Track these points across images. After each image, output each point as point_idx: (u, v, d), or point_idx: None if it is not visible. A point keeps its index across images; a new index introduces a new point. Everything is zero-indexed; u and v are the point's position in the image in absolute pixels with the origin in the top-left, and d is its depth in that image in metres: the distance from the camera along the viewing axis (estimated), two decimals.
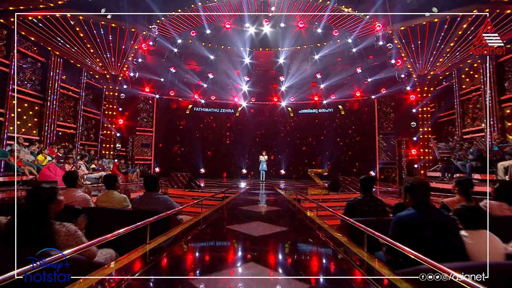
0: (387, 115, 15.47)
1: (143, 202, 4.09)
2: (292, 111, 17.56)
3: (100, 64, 12.09)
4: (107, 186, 4.31)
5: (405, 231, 2.37)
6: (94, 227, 3.55)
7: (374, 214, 3.91)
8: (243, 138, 17.09)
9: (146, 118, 15.97)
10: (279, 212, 5.59)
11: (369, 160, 15.61)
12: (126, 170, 11.55)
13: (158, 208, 3.90)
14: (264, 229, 3.79)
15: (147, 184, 4.20)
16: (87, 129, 13.26)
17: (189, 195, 9.13)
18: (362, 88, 15.61)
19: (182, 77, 15.87)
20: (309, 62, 14.92)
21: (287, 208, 6.28)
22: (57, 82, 10.87)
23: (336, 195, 9.01)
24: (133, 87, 14.07)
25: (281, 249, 3.20)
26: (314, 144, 17.21)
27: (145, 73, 14.20)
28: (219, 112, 17.49)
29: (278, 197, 7.95)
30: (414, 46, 11.07)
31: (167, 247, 2.98)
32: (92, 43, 11.06)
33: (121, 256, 2.62)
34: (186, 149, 16.70)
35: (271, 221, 4.38)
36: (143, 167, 15.64)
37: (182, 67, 15.08)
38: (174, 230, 3.54)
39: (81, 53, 11.32)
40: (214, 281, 2.14)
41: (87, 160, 9.79)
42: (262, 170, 14.26)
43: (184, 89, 16.17)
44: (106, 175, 4.39)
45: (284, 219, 4.94)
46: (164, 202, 4.16)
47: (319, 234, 3.79)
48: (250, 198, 7.57)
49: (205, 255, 2.98)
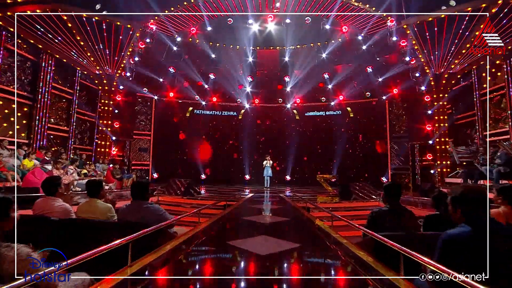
0: (399, 117, 14.94)
1: (130, 212, 3.60)
2: (298, 114, 17.13)
3: (94, 63, 11.72)
4: (90, 194, 3.82)
5: (458, 254, 1.84)
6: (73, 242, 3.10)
7: (403, 228, 3.36)
8: (246, 142, 16.71)
9: (144, 120, 15.60)
10: (288, 224, 5.06)
11: (380, 165, 15.10)
12: (121, 175, 11.11)
13: (148, 220, 3.42)
14: (272, 246, 3.27)
15: (135, 191, 3.71)
16: (81, 132, 12.87)
17: (188, 203, 8.66)
18: (373, 89, 15.13)
19: (182, 78, 15.50)
20: (316, 61, 14.44)
21: (296, 218, 5.76)
22: (49, 82, 10.50)
23: (348, 203, 8.48)
24: (131, 88, 13.64)
25: (295, 273, 2.67)
26: (321, 148, 16.78)
27: (143, 73, 13.82)
28: (221, 115, 17.11)
29: (285, 206, 7.43)
30: (431, 42, 10.56)
31: (153, 270, 2.48)
32: (86, 41, 10.70)
33: (97, 282, 2.14)
34: (186, 154, 16.33)
35: (280, 235, 3.86)
36: (141, 172, 15.24)
37: (182, 66, 14.65)
38: (164, 247, 3.03)
39: (75, 51, 10.95)
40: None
41: (78, 165, 9.34)
42: (266, 176, 13.74)
43: (184, 90, 15.83)
44: (88, 180, 3.92)
45: (294, 232, 4.41)
46: (154, 212, 3.67)
47: (338, 252, 3.26)
48: (254, 207, 7.05)
49: (199, 284, 2.45)
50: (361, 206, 8.38)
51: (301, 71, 15.29)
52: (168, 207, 8.44)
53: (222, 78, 15.71)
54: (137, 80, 13.75)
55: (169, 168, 15.59)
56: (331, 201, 8.75)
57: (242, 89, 16.39)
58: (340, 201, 8.71)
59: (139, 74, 13.55)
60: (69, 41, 10.43)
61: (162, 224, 3.30)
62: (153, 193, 9.27)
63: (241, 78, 16.02)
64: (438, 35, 10.23)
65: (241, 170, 16.70)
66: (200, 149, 16.29)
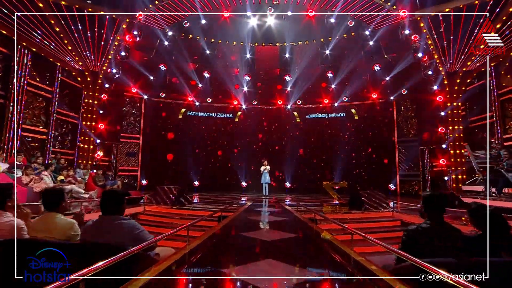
0: (408, 119, 14.44)
1: (97, 230, 2.89)
2: (298, 116, 16.59)
3: (76, 58, 11.03)
4: (47, 206, 3.10)
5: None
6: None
7: (451, 251, 2.68)
8: (243, 146, 16.25)
9: (132, 122, 14.93)
10: (296, 242, 4.37)
11: (387, 171, 14.64)
12: (104, 182, 10.34)
13: (120, 240, 2.74)
14: (282, 275, 2.57)
15: (105, 203, 3.00)
16: (61, 135, 12.12)
17: (178, 214, 7.93)
18: (379, 88, 14.67)
19: (174, 76, 14.92)
20: (319, 59, 13.86)
21: (304, 233, 5.07)
22: (24, 78, 9.76)
23: (360, 214, 7.80)
24: (117, 86, 13.01)
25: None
26: (323, 153, 16.22)
27: (131, 70, 13.21)
28: (216, 116, 16.52)
29: (288, 217, 6.73)
30: (446, 36, 10.02)
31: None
32: (66, 32, 10.01)
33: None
34: (178, 159, 15.66)
35: (288, 259, 3.16)
36: (128, 179, 14.60)
37: (174, 64, 14.00)
38: (137, 281, 2.31)
39: (54, 44, 10.25)
40: None
41: (53, 170, 8.57)
42: (264, 183, 13.07)
43: (176, 90, 15.26)
44: (46, 189, 3.23)
45: (305, 253, 3.71)
46: (129, 231, 2.97)
47: (368, 284, 2.55)
48: (254, 219, 6.35)
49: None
50: (373, 218, 7.73)
51: (303, 69, 14.71)
52: (155, 218, 7.73)
53: (218, 76, 15.21)
54: (125, 78, 13.14)
55: (159, 174, 14.93)
56: (339, 211, 8.07)
57: (239, 89, 15.84)
58: (350, 211, 8.04)
59: (126, 71, 12.99)
60: (47, 33, 9.73)
61: (141, 246, 2.61)
62: (138, 202, 8.53)
63: (238, 77, 15.50)
64: (454, 28, 9.68)
65: (237, 177, 16.11)
66: (193, 153, 15.67)
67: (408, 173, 14.09)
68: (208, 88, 15.72)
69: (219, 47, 14.68)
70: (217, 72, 15.17)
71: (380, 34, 12.04)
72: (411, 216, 7.37)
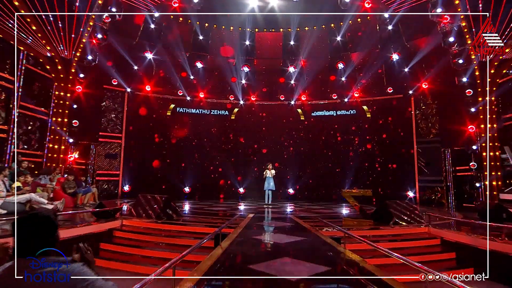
0: (429, 117, 13.42)
1: None
2: (303, 113, 15.75)
3: (43, 41, 9.76)
4: None
5: None
6: None
7: None
8: (240, 148, 15.62)
9: (113, 120, 13.90)
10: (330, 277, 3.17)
11: (405, 177, 13.73)
12: (75, 190, 9.07)
13: None
14: None
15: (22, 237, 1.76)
16: (26, 133, 10.82)
17: (164, 230, 6.68)
18: (396, 82, 13.80)
19: (162, 66, 14.03)
20: (328, 47, 12.84)
21: (333, 261, 3.88)
22: None
23: (389, 229, 6.65)
24: (95, 77, 11.96)
25: None
26: (330, 156, 15.45)
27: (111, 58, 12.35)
28: (209, 113, 15.70)
29: (305, 236, 5.58)
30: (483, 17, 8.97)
31: None
32: (29, 9, 8.74)
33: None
34: (166, 162, 14.77)
35: None
36: (108, 185, 13.65)
37: (162, 51, 12.94)
38: None
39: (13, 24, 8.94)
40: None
41: (7, 175, 7.24)
42: (267, 190, 11.90)
43: (164, 82, 14.46)
44: None
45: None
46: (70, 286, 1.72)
47: None
48: (262, 240, 5.17)
49: None
50: (405, 234, 6.60)
51: (309, 59, 13.77)
52: (134, 236, 6.48)
53: (212, 67, 14.48)
54: (104, 67, 12.14)
55: (144, 179, 14.01)
56: (363, 226, 6.93)
57: (236, 82, 14.98)
58: (376, 226, 6.90)
59: (105, 59, 12.00)
60: (5, 9, 8.43)
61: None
62: (114, 215, 7.24)
63: (235, 68, 14.65)
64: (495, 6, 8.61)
65: (234, 182, 15.30)
66: (183, 155, 14.83)
67: (430, 179, 13.12)
68: (201, 81, 14.89)
69: (215, 33, 13.56)
70: (211, 63, 14.42)
71: (401, 17, 10.98)
72: (453, 233, 6.28)
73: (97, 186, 12.67)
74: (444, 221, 7.47)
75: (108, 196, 12.86)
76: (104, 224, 6.68)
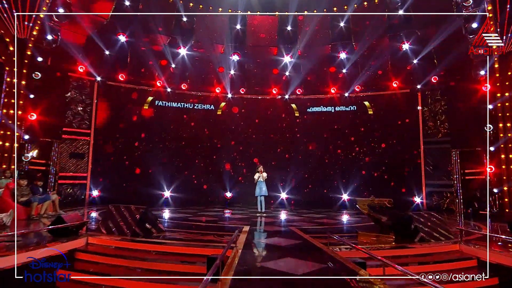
0: (438, 115, 13.01)
1: None
2: (297, 109, 15.20)
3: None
4: None
5: None
6: None
7: None
8: (227, 146, 14.98)
9: (80, 113, 12.97)
10: None
11: (411, 181, 13.33)
12: (29, 197, 7.82)
13: None
14: None
15: None
16: None
17: (140, 251, 5.57)
18: (402, 75, 13.38)
19: (138, 52, 13.14)
20: (329, 35, 12.20)
21: None
22: None
23: (417, 248, 5.81)
24: (56, 62, 11.13)
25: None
26: (328, 156, 14.97)
27: (77, 40, 11.50)
28: (193, 108, 14.93)
29: (321, 260, 4.65)
30: None
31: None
32: None
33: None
34: (142, 163, 13.88)
35: None
36: (73, 189, 12.70)
37: (138, 34, 12.37)
38: None
39: None
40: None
41: None
42: (259, 196, 11.03)
43: (141, 71, 13.69)
44: None
45: None
46: None
47: None
48: (273, 271, 4.14)
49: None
50: (434, 253, 5.79)
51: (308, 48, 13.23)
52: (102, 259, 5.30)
53: (196, 54, 13.70)
54: (68, 50, 11.21)
55: (116, 183, 13.24)
56: (383, 242, 6.10)
57: (224, 73, 14.26)
58: (400, 243, 6.07)
59: (70, 41, 11.12)
60: None
61: None
62: (78, 232, 6.06)
63: (223, 56, 13.99)
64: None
65: (220, 185, 14.59)
66: (163, 155, 14.07)
67: (439, 183, 12.79)
68: (184, 70, 14.14)
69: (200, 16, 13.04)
70: (195, 49, 13.68)
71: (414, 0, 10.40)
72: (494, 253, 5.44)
73: (60, 191, 11.64)
74: (472, 235, 6.74)
75: (73, 203, 11.95)
76: (63, 244, 5.50)
